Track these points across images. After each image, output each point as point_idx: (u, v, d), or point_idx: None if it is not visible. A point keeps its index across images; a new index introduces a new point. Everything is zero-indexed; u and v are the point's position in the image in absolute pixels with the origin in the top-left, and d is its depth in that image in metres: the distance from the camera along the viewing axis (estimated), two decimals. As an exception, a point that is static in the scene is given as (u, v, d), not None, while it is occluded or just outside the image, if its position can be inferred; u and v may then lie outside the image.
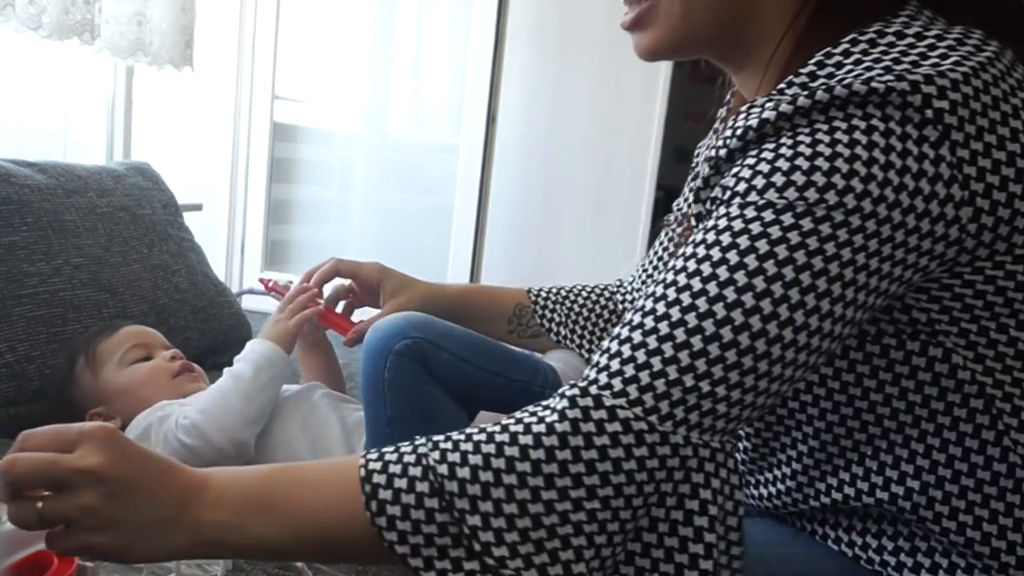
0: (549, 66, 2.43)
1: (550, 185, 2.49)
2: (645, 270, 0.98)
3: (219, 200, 2.70)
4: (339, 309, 1.11)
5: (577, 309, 1.05)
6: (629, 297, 1.03)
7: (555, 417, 0.53)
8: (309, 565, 0.83)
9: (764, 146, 0.56)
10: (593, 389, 0.54)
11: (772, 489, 0.71)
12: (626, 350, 0.54)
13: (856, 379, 0.62)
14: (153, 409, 1.09)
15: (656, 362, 0.53)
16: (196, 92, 2.54)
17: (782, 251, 0.52)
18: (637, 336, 0.54)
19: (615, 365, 0.54)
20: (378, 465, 0.55)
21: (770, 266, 0.52)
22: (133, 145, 2.09)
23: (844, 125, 0.53)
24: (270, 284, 1.25)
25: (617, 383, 0.53)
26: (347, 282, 1.08)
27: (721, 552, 0.54)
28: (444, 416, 0.94)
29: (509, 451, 0.52)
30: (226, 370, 1.09)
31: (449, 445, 0.54)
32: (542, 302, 1.06)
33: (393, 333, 0.95)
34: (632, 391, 0.53)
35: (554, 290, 1.08)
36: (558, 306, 1.06)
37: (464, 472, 0.52)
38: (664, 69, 2.34)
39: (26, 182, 1.34)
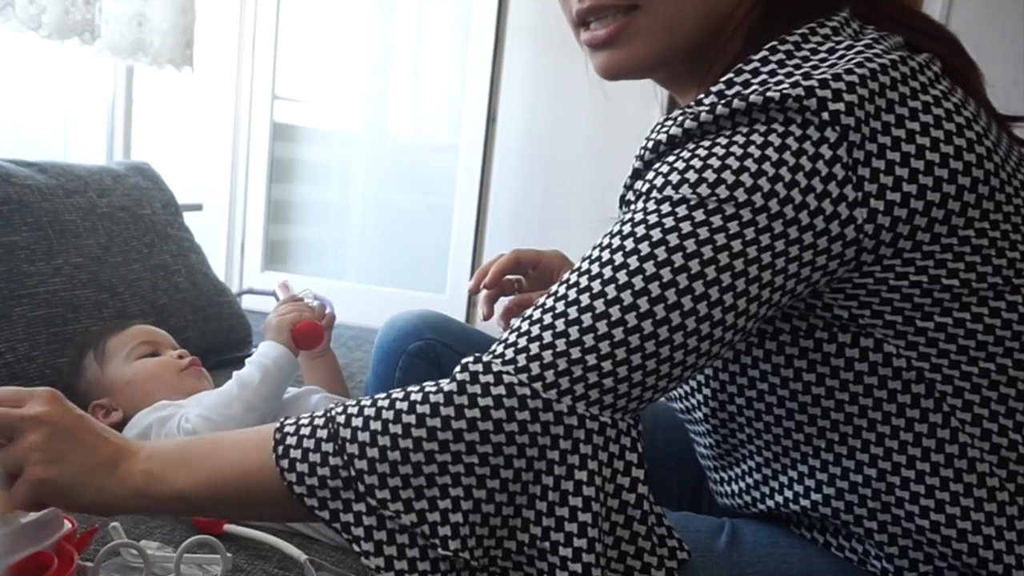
0: (549, 66, 2.42)
1: (550, 185, 2.50)
2: None
3: (219, 200, 2.70)
4: (504, 303, 1.03)
5: None
6: None
7: (446, 380, 0.57)
8: (313, 562, 0.82)
9: (673, 151, 0.59)
10: (486, 357, 0.57)
11: (741, 484, 0.71)
12: (524, 326, 0.58)
13: (795, 374, 0.62)
14: (153, 408, 1.10)
15: (547, 336, 0.56)
16: (196, 92, 2.54)
17: (656, 233, 0.56)
18: (537, 314, 0.58)
19: (512, 338, 0.58)
20: (292, 420, 0.60)
21: (644, 247, 0.56)
22: (133, 145, 2.09)
23: (745, 129, 0.56)
24: (281, 284, 1.30)
25: (509, 353, 0.57)
26: (515, 277, 1.05)
27: (621, 525, 0.57)
28: None
29: (399, 405, 0.57)
30: (235, 374, 1.10)
31: (353, 402, 0.59)
32: None
33: (408, 333, 0.94)
34: (521, 360, 0.56)
35: None
36: None
37: (358, 421, 0.57)
38: (664, 69, 2.34)
39: (26, 182, 1.34)
